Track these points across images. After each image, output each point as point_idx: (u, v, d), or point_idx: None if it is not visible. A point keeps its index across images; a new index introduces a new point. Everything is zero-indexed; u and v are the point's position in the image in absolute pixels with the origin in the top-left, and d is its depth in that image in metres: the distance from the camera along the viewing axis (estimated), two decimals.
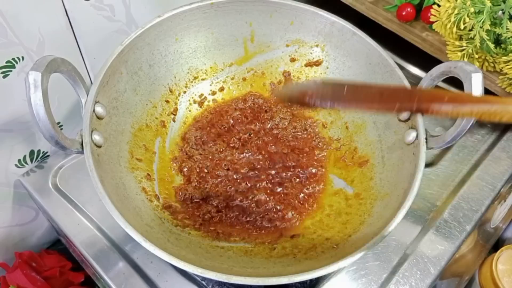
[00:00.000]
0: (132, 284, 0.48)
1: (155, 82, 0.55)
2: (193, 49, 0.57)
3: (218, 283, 0.48)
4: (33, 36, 0.48)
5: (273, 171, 0.54)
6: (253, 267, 0.44)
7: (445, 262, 0.50)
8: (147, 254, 0.50)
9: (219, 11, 0.55)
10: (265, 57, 0.60)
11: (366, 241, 0.39)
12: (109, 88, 0.47)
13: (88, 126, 0.42)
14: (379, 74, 0.52)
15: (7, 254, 0.63)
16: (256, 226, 0.50)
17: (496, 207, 0.62)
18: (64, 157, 0.60)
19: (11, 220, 0.61)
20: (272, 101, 0.60)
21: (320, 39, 0.58)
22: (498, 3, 0.52)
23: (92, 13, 0.53)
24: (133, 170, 0.48)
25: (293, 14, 0.56)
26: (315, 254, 0.45)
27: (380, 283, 0.49)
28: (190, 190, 0.52)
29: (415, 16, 0.64)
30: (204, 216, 0.50)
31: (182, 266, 0.36)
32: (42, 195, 0.56)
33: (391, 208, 0.43)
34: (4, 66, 0.47)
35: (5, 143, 0.53)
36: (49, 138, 0.38)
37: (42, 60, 0.38)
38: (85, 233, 0.52)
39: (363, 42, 0.53)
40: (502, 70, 0.56)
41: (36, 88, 0.36)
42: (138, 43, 0.50)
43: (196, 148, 0.55)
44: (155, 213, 0.47)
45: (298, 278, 0.36)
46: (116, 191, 0.42)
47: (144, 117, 0.53)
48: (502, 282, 0.61)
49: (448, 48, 0.59)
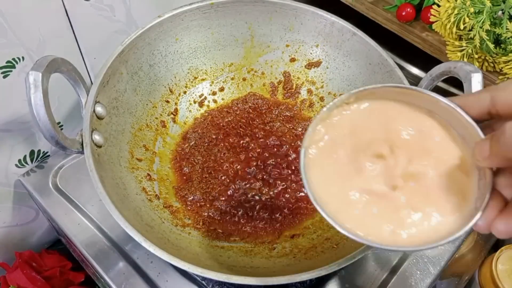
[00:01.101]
0: (132, 284, 0.48)
1: (155, 82, 0.55)
2: (193, 49, 0.57)
3: (218, 283, 0.48)
4: (33, 36, 0.48)
5: (273, 171, 0.54)
6: (253, 267, 0.44)
7: (445, 262, 0.50)
8: (147, 254, 0.50)
9: (219, 11, 0.55)
10: (265, 57, 0.60)
11: None
12: (109, 88, 0.47)
13: (88, 126, 0.42)
14: (379, 74, 0.52)
15: (7, 254, 0.63)
16: (256, 226, 0.50)
17: None
18: (64, 157, 0.60)
19: (11, 220, 0.61)
20: (271, 102, 0.60)
21: (320, 39, 0.58)
22: (498, 3, 0.52)
23: (92, 13, 0.53)
24: (133, 170, 0.48)
25: (293, 14, 0.56)
26: (315, 254, 0.45)
27: (380, 283, 0.49)
28: (190, 190, 0.52)
29: (415, 16, 0.64)
30: (204, 216, 0.50)
31: (182, 266, 0.36)
32: (42, 195, 0.56)
33: None
34: (4, 66, 0.47)
35: (5, 143, 0.53)
36: (49, 138, 0.38)
37: (42, 60, 0.38)
38: (85, 233, 0.52)
39: (363, 42, 0.53)
40: (502, 70, 0.56)
41: (36, 88, 0.36)
42: (138, 43, 0.50)
43: (196, 148, 0.55)
44: (155, 213, 0.47)
45: (298, 278, 0.36)
46: (116, 191, 0.42)
47: (144, 117, 0.53)
48: (502, 282, 0.61)
49: (448, 48, 0.59)
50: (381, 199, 0.30)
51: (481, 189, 0.28)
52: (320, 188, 0.31)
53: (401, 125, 0.31)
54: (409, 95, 0.31)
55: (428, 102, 0.31)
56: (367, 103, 0.32)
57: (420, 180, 0.30)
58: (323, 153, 0.32)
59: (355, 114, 0.32)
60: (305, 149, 0.31)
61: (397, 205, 0.30)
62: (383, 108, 0.32)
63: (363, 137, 0.32)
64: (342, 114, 0.32)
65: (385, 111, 0.32)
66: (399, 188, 0.30)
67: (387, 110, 0.32)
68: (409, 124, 0.31)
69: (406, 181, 0.30)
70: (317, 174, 0.31)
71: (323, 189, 0.31)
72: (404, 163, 0.30)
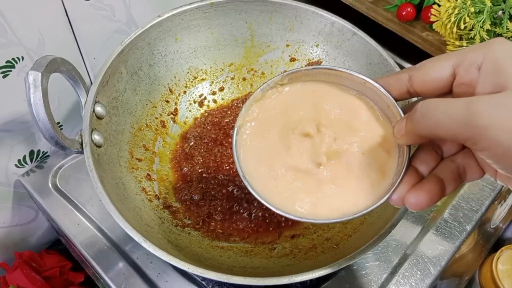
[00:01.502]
0: (132, 284, 0.48)
1: (155, 82, 0.55)
2: (193, 49, 0.57)
3: (218, 283, 0.48)
4: (33, 36, 0.48)
5: None
6: (253, 267, 0.44)
7: (445, 262, 0.50)
8: (147, 254, 0.50)
9: (219, 11, 0.55)
10: (265, 57, 0.60)
11: (366, 241, 0.39)
12: (109, 88, 0.47)
13: (88, 126, 0.42)
14: (379, 74, 0.52)
15: (7, 254, 0.63)
16: (256, 226, 0.50)
17: (496, 207, 0.62)
18: (64, 157, 0.60)
19: (11, 220, 0.61)
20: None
21: (320, 39, 0.58)
22: (498, 3, 0.52)
23: (92, 13, 0.53)
24: (133, 170, 0.48)
25: (293, 14, 0.56)
26: (315, 254, 0.45)
27: (380, 283, 0.49)
28: (190, 190, 0.52)
29: (415, 16, 0.64)
30: (204, 216, 0.50)
31: (182, 266, 0.36)
32: (42, 195, 0.56)
33: (391, 208, 0.43)
34: (4, 66, 0.47)
35: (5, 143, 0.53)
36: (49, 138, 0.38)
37: (42, 60, 0.38)
38: (85, 233, 0.52)
39: (363, 42, 0.53)
40: None
41: (36, 88, 0.36)
42: (138, 43, 0.50)
43: (196, 148, 0.55)
44: (155, 213, 0.47)
45: (298, 278, 0.36)
46: (116, 191, 0.42)
47: (144, 117, 0.53)
48: (502, 282, 0.61)
49: (448, 48, 0.58)
50: (306, 176, 0.32)
51: (399, 166, 0.30)
52: (250, 165, 0.33)
53: (330, 105, 0.33)
54: (339, 76, 0.33)
55: (356, 83, 0.32)
56: (300, 85, 0.34)
57: (344, 158, 0.32)
58: (255, 132, 0.34)
59: (288, 95, 0.34)
60: (238, 128, 0.33)
61: (320, 181, 0.31)
62: (314, 89, 0.34)
63: (294, 117, 0.33)
64: (275, 95, 0.34)
65: (316, 92, 0.34)
66: (323, 165, 0.32)
67: (318, 91, 0.34)
68: (338, 105, 0.33)
69: (330, 158, 0.32)
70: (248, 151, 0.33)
71: (253, 166, 0.33)
72: (330, 142, 0.32)
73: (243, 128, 0.33)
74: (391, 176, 0.30)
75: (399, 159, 0.30)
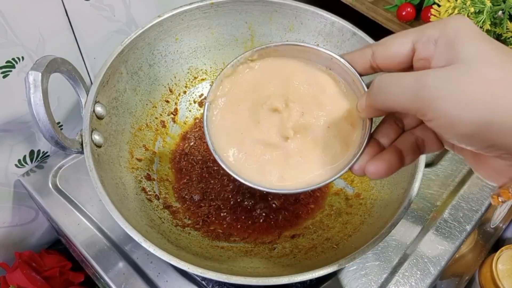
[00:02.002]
0: (132, 284, 0.48)
1: (155, 82, 0.55)
2: (193, 49, 0.57)
3: (218, 283, 0.48)
4: (33, 36, 0.48)
5: None
6: (253, 267, 0.44)
7: (445, 262, 0.50)
8: (147, 254, 0.50)
9: (219, 11, 0.55)
10: None
11: (366, 241, 0.39)
12: (109, 88, 0.47)
13: (88, 126, 0.42)
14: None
15: (7, 254, 0.63)
16: (256, 226, 0.50)
17: (496, 207, 0.62)
18: (64, 157, 0.60)
19: (11, 220, 0.61)
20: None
21: (320, 39, 0.58)
22: (498, 3, 0.52)
23: (92, 13, 0.53)
24: (133, 170, 0.48)
25: (293, 14, 0.56)
26: (315, 254, 0.45)
27: (380, 283, 0.49)
28: (190, 190, 0.52)
29: (415, 16, 0.64)
30: (204, 216, 0.50)
31: (182, 266, 0.36)
32: (42, 195, 0.56)
33: (391, 208, 0.43)
34: (4, 66, 0.47)
35: (5, 143, 0.53)
36: (49, 138, 0.38)
37: (42, 60, 0.38)
38: (85, 233, 0.52)
39: (363, 42, 0.53)
40: None
41: (36, 88, 0.36)
42: (138, 43, 0.50)
43: (196, 148, 0.55)
44: (155, 213, 0.47)
45: (298, 278, 0.36)
46: (116, 191, 0.42)
47: (144, 117, 0.53)
48: (502, 282, 0.61)
49: None
50: (274, 149, 0.33)
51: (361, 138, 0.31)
52: (221, 140, 0.34)
53: (298, 81, 0.34)
54: (308, 52, 0.34)
55: (324, 59, 0.33)
56: (270, 60, 0.35)
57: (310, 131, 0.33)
58: (225, 107, 0.35)
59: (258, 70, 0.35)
60: (209, 103, 0.34)
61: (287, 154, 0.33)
62: (284, 65, 0.35)
63: (263, 93, 0.34)
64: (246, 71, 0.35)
65: (285, 68, 0.35)
66: (290, 138, 0.33)
67: (288, 67, 0.35)
68: (306, 80, 0.34)
69: (297, 132, 0.33)
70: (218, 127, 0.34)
71: (224, 141, 0.34)
72: (297, 116, 0.33)
73: (214, 103, 0.34)
74: (354, 148, 0.32)
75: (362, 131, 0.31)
